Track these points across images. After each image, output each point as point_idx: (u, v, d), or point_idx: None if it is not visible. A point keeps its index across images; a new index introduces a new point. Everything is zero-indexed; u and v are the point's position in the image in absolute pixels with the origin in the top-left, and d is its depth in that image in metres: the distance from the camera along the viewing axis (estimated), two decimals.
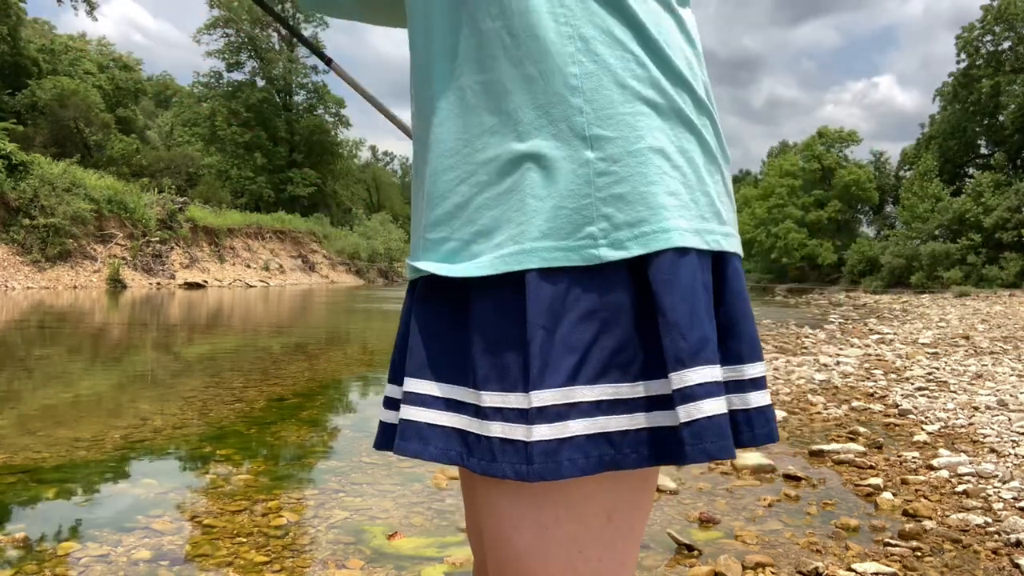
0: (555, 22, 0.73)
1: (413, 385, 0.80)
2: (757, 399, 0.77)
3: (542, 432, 0.69)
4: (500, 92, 0.75)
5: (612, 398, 0.71)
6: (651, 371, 0.72)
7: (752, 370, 0.77)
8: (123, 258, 23.37)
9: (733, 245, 0.79)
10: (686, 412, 0.69)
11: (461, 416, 0.78)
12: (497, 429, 0.72)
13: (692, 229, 0.73)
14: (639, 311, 0.72)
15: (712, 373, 0.70)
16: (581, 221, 0.71)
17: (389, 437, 0.87)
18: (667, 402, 0.71)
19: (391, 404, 0.88)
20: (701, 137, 0.78)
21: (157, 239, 25.24)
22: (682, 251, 0.71)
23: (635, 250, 0.71)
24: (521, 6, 0.74)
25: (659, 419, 0.72)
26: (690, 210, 0.74)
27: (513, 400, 0.72)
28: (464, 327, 0.78)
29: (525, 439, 0.70)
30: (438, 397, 0.79)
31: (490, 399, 0.73)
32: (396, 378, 0.88)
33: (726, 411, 0.70)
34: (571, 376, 0.70)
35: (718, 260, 0.77)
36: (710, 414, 0.69)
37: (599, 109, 0.72)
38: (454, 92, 0.79)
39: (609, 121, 0.72)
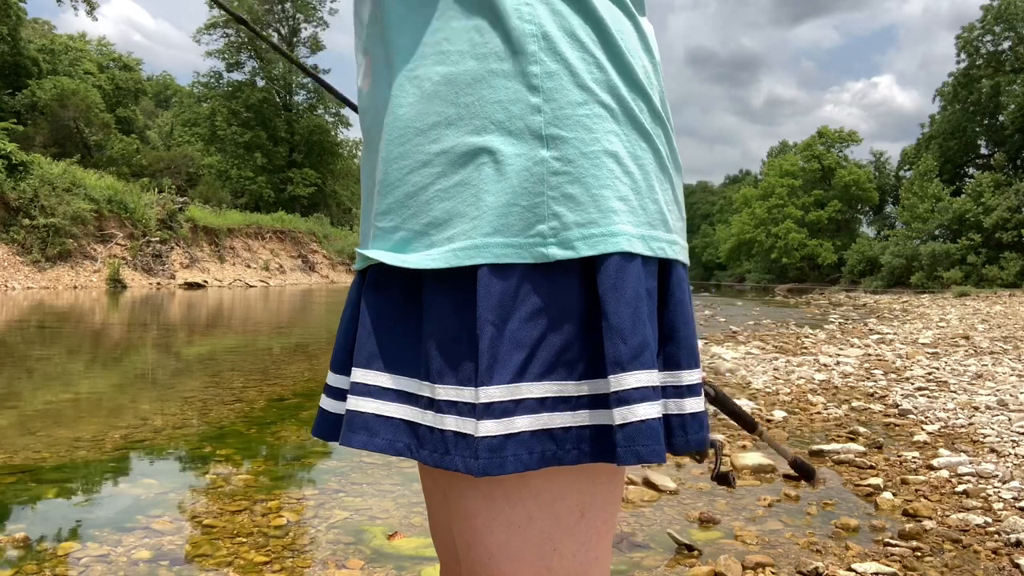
0: (520, 20, 0.74)
1: (361, 375, 0.80)
2: (692, 405, 0.77)
3: (488, 428, 0.70)
4: (461, 85, 0.75)
5: (556, 395, 0.72)
6: (596, 370, 0.73)
7: (689, 376, 0.78)
8: (123, 258, 23.37)
9: (678, 253, 0.80)
10: (621, 415, 0.70)
11: (411, 408, 0.77)
12: (452, 423, 0.73)
13: (639, 235, 0.74)
14: (586, 311, 0.73)
15: (649, 378, 0.71)
16: (533, 219, 0.72)
17: (329, 426, 0.87)
18: (606, 401, 0.73)
19: (334, 393, 0.87)
20: (654, 145, 0.79)
21: (157, 239, 25.24)
22: (628, 256, 0.72)
23: (583, 251, 0.71)
24: (491, 3, 0.74)
25: (601, 417, 0.73)
26: (638, 216, 0.75)
27: (468, 395, 0.72)
28: (415, 318, 0.78)
29: (472, 433, 0.71)
30: (387, 388, 0.79)
31: (444, 392, 0.74)
32: (341, 368, 0.87)
33: (660, 415, 0.71)
34: (518, 373, 0.71)
35: (663, 267, 0.78)
36: (644, 418, 0.70)
37: (557, 109, 0.73)
38: (412, 82, 0.78)
39: (566, 122, 0.73)
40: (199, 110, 46.96)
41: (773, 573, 2.32)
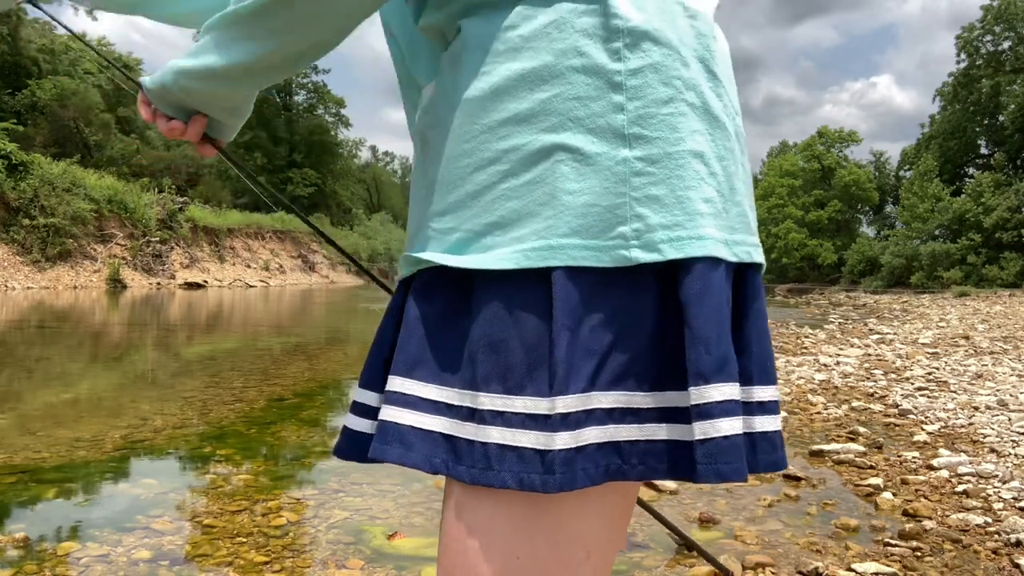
0: (602, 15, 0.71)
1: (400, 384, 0.74)
2: (763, 423, 0.73)
3: (564, 440, 0.65)
4: (535, 81, 0.71)
5: (625, 406, 0.68)
6: (666, 382, 0.69)
7: (762, 393, 0.74)
8: (123, 258, 23.37)
9: (758, 256, 0.76)
10: (702, 430, 0.66)
11: (450, 420, 0.72)
12: (496, 435, 0.67)
13: (723, 239, 0.71)
14: (660, 319, 0.69)
15: (732, 391, 0.67)
16: (613, 220, 0.68)
17: (358, 446, 0.80)
18: (681, 415, 0.69)
19: (365, 411, 0.80)
20: (735, 144, 0.76)
21: (157, 239, 25.24)
22: (714, 261, 0.69)
23: (669, 254, 0.67)
24: None
25: (672, 432, 0.69)
26: (721, 219, 0.72)
27: (520, 404, 0.67)
28: (461, 324, 0.73)
29: (542, 447, 0.65)
30: (427, 399, 0.73)
31: (490, 401, 0.68)
32: (372, 383, 0.80)
33: (741, 432, 0.67)
34: (590, 382, 0.67)
35: (741, 273, 0.74)
36: (727, 434, 0.66)
37: (641, 107, 0.70)
38: (481, 78, 0.74)
39: (650, 120, 0.70)
40: None
41: (773, 573, 2.32)
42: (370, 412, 0.80)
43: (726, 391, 0.66)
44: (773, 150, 69.45)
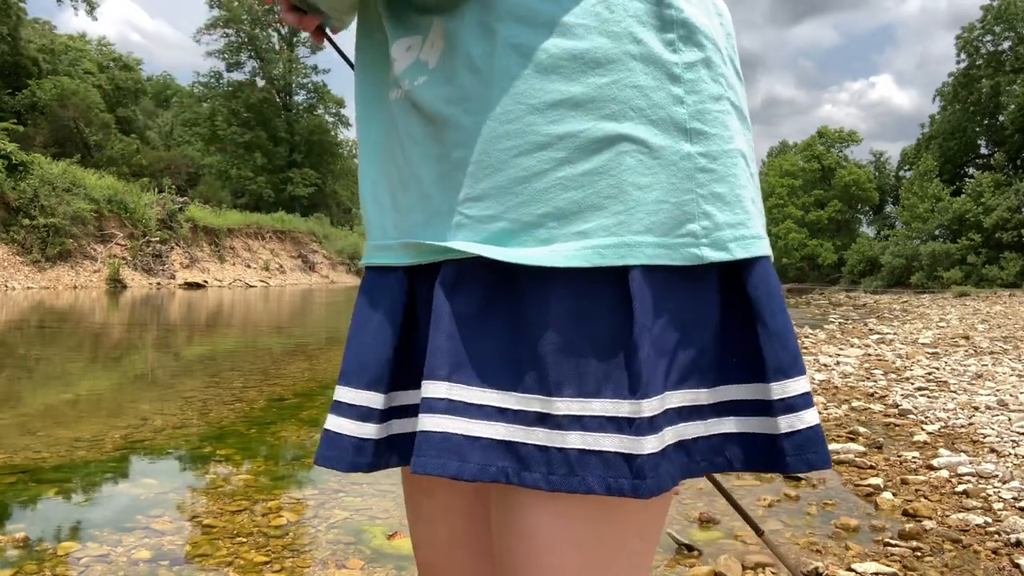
0: (659, 2, 0.69)
1: (441, 390, 0.69)
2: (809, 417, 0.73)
3: (653, 444, 0.64)
4: (590, 63, 0.67)
5: (691, 404, 0.69)
6: (730, 376, 0.70)
7: (795, 386, 0.73)
8: (123, 258, 23.37)
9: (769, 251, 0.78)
10: (787, 423, 0.67)
11: (510, 426, 0.68)
12: (576, 440, 0.65)
13: (764, 237, 0.73)
14: (721, 316, 0.70)
15: (807, 384, 0.69)
16: (683, 218, 0.67)
17: (346, 452, 0.76)
18: (744, 408, 0.70)
19: (355, 413, 0.76)
20: (753, 146, 0.78)
21: (157, 239, 25.24)
22: (769, 259, 0.71)
23: (737, 253, 0.68)
24: None
25: (738, 425, 0.70)
26: (760, 219, 0.74)
27: (599, 408, 0.65)
28: (501, 322, 0.70)
29: (630, 451, 0.64)
30: (475, 404, 0.69)
31: (566, 406, 0.65)
32: (371, 383, 0.77)
33: (819, 422, 0.69)
34: (664, 382, 0.67)
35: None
36: (811, 424, 0.68)
37: (698, 103, 0.69)
38: (519, 51, 0.68)
39: (707, 116, 0.69)
40: (199, 110, 46.98)
41: (773, 573, 2.32)
42: (371, 415, 0.76)
43: (803, 384, 0.68)
44: (773, 150, 69.52)
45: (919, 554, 2.50)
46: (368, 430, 0.76)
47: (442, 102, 0.73)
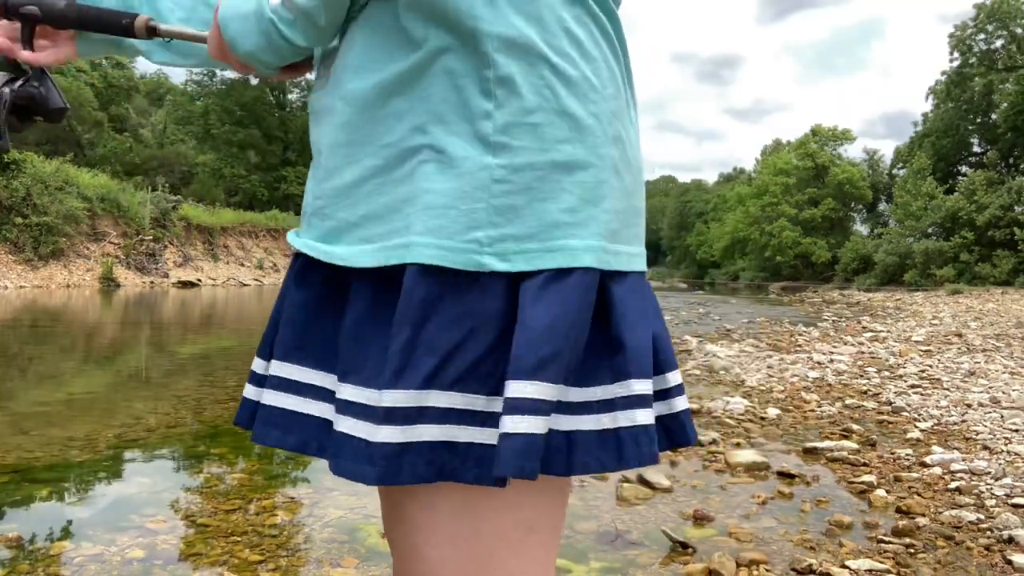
0: (474, 21, 0.70)
1: (278, 368, 0.78)
2: (643, 417, 0.74)
3: (387, 434, 0.67)
4: (413, 80, 0.72)
5: (464, 407, 0.69)
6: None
7: (640, 386, 0.74)
8: (116, 257, 23.29)
9: (626, 263, 0.76)
10: (512, 424, 0.66)
11: (327, 404, 0.75)
12: (344, 425, 0.70)
13: (584, 247, 0.71)
14: (507, 325, 0.70)
15: (549, 392, 0.67)
16: (469, 224, 0.69)
17: (248, 414, 0.83)
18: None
19: (255, 379, 0.84)
20: (608, 152, 0.75)
21: (151, 238, 25.15)
22: (563, 271, 0.69)
23: (519, 265, 0.69)
24: (445, 4, 0.70)
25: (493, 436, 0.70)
26: (585, 228, 0.71)
27: (365, 396, 0.69)
28: (338, 312, 0.76)
29: (369, 438, 0.68)
30: (304, 383, 0.77)
31: (346, 392, 0.71)
32: (262, 352, 0.84)
33: (543, 432, 0.68)
34: (427, 379, 0.68)
35: (609, 279, 0.74)
36: (533, 431, 0.66)
37: (508, 115, 0.70)
38: (358, 73, 0.75)
39: (516, 129, 0.70)
40: (192, 108, 46.75)
41: (767, 570, 2.33)
42: (257, 379, 0.83)
43: (543, 390, 0.67)
44: (767, 148, 69.64)
45: (912, 551, 2.51)
46: (254, 392, 0.84)
47: (318, 112, 0.82)
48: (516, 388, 0.67)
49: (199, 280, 25.87)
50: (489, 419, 0.70)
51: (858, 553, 2.47)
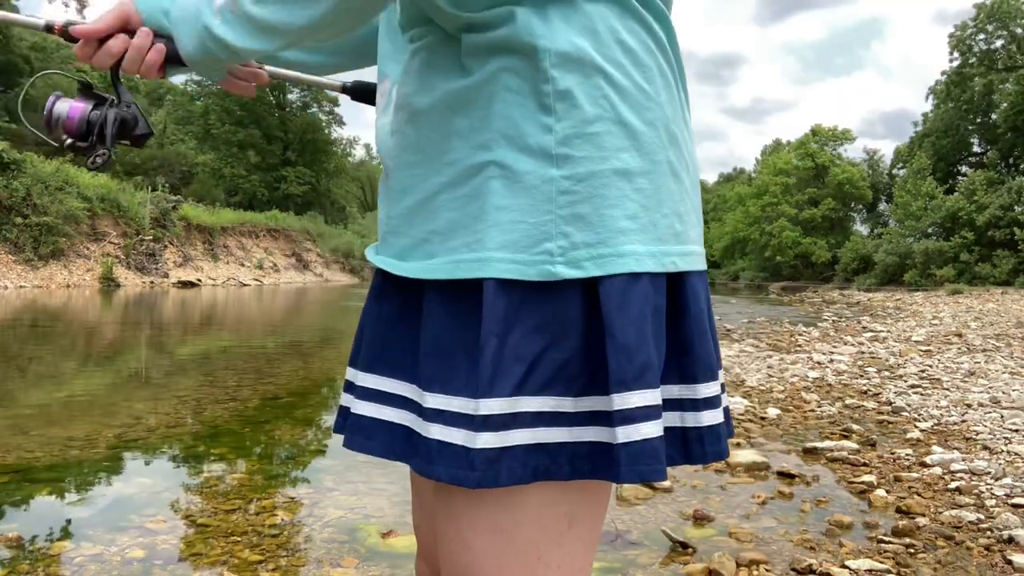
0: (531, 37, 0.74)
1: (363, 379, 0.84)
2: (709, 418, 0.79)
3: (487, 440, 0.70)
4: (474, 98, 0.75)
5: (554, 410, 0.73)
6: (595, 387, 0.74)
7: (706, 390, 0.79)
8: (116, 257, 23.28)
9: (691, 264, 0.80)
10: (624, 433, 0.71)
11: (409, 413, 0.80)
12: (436, 431, 0.73)
13: (648, 252, 0.74)
14: (588, 329, 0.73)
15: (653, 397, 0.72)
16: (540, 236, 0.72)
17: (344, 420, 0.90)
18: (603, 419, 0.73)
19: (348, 387, 0.90)
20: (666, 157, 0.78)
21: (151, 237, 25.14)
22: (635, 276, 0.73)
23: (591, 271, 0.72)
24: (503, 20, 0.74)
25: (598, 434, 0.74)
26: (648, 233, 0.75)
27: (456, 404, 0.73)
28: (415, 325, 0.80)
29: (467, 445, 0.71)
30: (386, 392, 0.82)
31: (433, 400, 0.74)
32: (351, 360, 0.91)
33: (661, 434, 0.73)
34: (518, 386, 0.71)
35: (676, 280, 0.78)
36: (647, 436, 0.71)
37: (568, 128, 0.73)
38: (435, 92, 0.79)
39: (576, 140, 0.73)
40: (192, 108, 46.72)
41: (767, 570, 2.33)
42: (348, 386, 0.90)
43: (647, 397, 0.72)
44: (767, 148, 69.60)
45: (912, 551, 2.51)
46: (347, 399, 0.91)
47: (386, 134, 0.87)
48: (621, 400, 0.71)
49: (199, 280, 25.86)
50: (576, 419, 0.74)
51: (858, 553, 2.47)
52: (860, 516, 2.87)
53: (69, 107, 0.96)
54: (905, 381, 6.14)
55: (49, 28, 0.96)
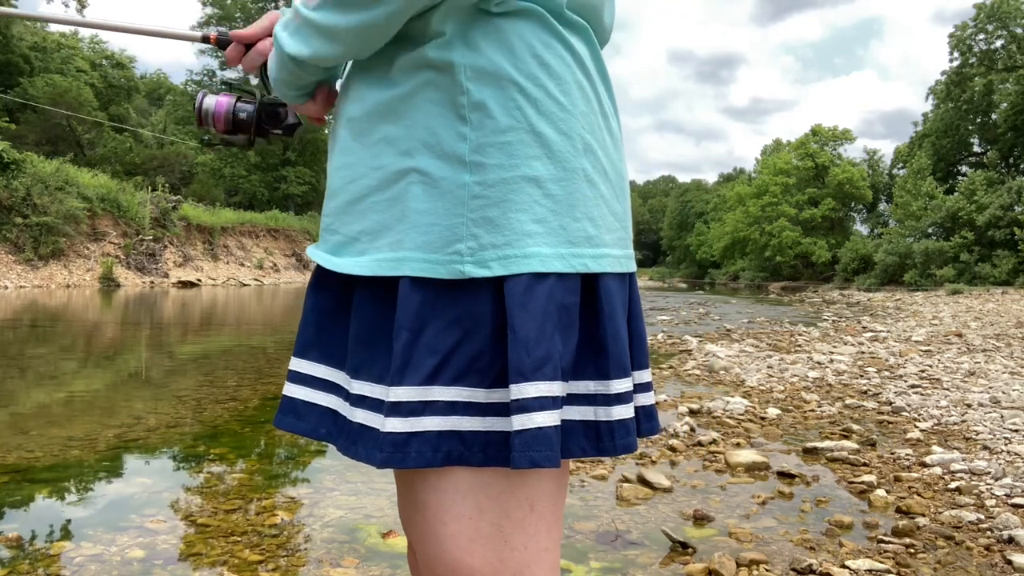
0: (446, 51, 0.79)
1: (296, 364, 0.91)
2: (619, 412, 0.84)
3: (394, 424, 0.76)
4: (400, 108, 0.81)
5: (467, 400, 0.78)
6: (504, 380, 0.78)
7: (618, 386, 0.84)
8: (116, 257, 23.29)
9: (604, 266, 0.83)
10: (519, 421, 0.75)
11: (336, 397, 0.87)
12: (360, 416, 0.81)
13: (556, 254, 0.79)
14: (500, 325, 0.78)
15: (549, 388, 0.76)
16: (452, 238, 0.78)
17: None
18: (506, 408, 0.78)
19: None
20: (581, 165, 0.82)
21: (151, 237, 25.15)
22: (540, 275, 0.78)
23: (497, 270, 0.77)
24: (423, 36, 0.80)
25: (506, 424, 0.78)
26: (557, 236, 0.79)
27: (378, 391, 0.80)
28: (347, 317, 0.86)
29: (378, 427, 0.78)
30: (317, 378, 0.89)
31: (359, 387, 0.82)
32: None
33: (558, 424, 0.77)
34: (430, 376, 0.77)
35: (591, 282, 0.82)
36: (541, 425, 0.75)
37: (481, 137, 0.78)
38: (359, 102, 0.85)
39: (489, 148, 0.78)
40: (192, 108, 46.80)
41: (767, 570, 2.33)
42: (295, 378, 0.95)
43: (542, 388, 0.76)
44: (767, 148, 69.53)
45: (912, 551, 2.51)
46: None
47: (331, 137, 0.93)
48: (518, 390, 0.75)
49: (199, 280, 25.87)
50: (490, 409, 0.79)
51: (858, 553, 2.47)
52: (860, 516, 2.87)
53: (215, 102, 1.06)
54: (905, 381, 6.14)
55: (205, 39, 1.07)
